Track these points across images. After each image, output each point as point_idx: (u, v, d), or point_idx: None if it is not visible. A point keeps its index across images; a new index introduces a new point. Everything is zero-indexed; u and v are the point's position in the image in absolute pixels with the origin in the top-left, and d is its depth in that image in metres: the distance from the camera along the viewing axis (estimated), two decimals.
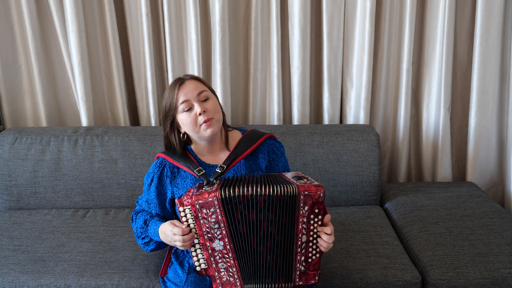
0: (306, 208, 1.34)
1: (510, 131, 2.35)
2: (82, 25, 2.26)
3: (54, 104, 2.47)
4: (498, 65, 2.32)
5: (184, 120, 1.49)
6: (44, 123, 2.45)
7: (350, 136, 2.20)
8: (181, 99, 1.47)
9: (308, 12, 2.28)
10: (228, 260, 1.39)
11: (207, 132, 1.47)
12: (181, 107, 1.48)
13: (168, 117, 1.52)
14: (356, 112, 2.43)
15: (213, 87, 2.40)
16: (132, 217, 1.62)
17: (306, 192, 1.33)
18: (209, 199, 1.33)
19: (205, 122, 1.45)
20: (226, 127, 1.60)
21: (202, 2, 2.31)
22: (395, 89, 2.46)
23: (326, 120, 2.45)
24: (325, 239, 1.37)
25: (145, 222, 1.54)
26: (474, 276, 1.68)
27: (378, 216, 2.11)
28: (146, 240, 1.56)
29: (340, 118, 2.51)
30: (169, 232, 1.39)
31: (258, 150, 1.57)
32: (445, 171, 2.47)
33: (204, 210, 1.34)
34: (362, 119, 2.40)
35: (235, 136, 1.60)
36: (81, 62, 2.29)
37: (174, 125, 1.53)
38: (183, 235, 1.36)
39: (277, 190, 1.33)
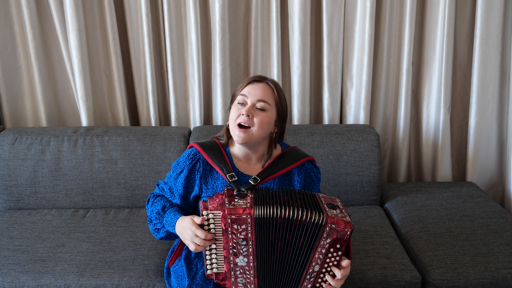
0: (329, 240, 1.30)
1: (510, 131, 2.35)
2: (82, 25, 2.26)
3: (54, 104, 2.47)
4: (498, 65, 2.32)
5: (232, 110, 1.47)
6: (44, 123, 2.45)
7: (350, 136, 2.20)
8: (243, 91, 1.45)
9: (308, 12, 2.28)
10: (248, 276, 1.37)
11: (237, 135, 1.42)
12: (238, 98, 1.46)
13: (232, 100, 1.52)
14: (356, 112, 2.43)
15: (213, 87, 2.40)
16: (149, 199, 1.58)
17: (333, 225, 1.28)
18: (243, 216, 1.29)
19: (241, 126, 1.42)
20: (272, 146, 1.52)
21: (202, 2, 2.31)
22: (395, 89, 2.46)
23: (326, 120, 2.45)
24: (332, 284, 1.34)
25: (163, 208, 1.50)
26: (474, 276, 1.68)
27: (378, 216, 2.11)
28: (158, 226, 1.52)
29: (340, 118, 2.51)
30: (189, 231, 1.35)
31: (295, 172, 1.52)
32: (445, 171, 2.47)
33: (235, 226, 1.30)
34: (362, 119, 2.40)
35: (275, 151, 1.55)
36: (81, 62, 2.29)
37: (230, 108, 1.51)
38: (205, 239, 1.33)
39: (305, 215, 1.29)
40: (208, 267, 1.39)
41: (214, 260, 1.38)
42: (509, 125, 2.35)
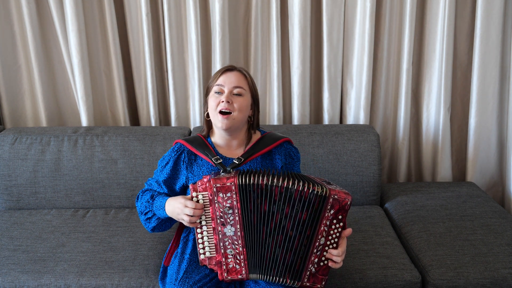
0: (332, 212, 1.35)
1: (510, 131, 2.35)
2: (82, 25, 2.26)
3: (54, 104, 2.47)
4: (498, 65, 2.32)
5: (210, 100, 1.55)
6: (44, 123, 2.45)
7: (350, 136, 2.20)
8: (218, 81, 1.55)
9: (308, 12, 2.28)
10: (237, 247, 1.40)
11: (220, 122, 1.51)
12: (214, 88, 1.55)
13: (207, 93, 1.60)
14: (356, 112, 2.43)
15: None
16: (138, 195, 1.64)
17: (335, 196, 1.35)
18: (227, 184, 1.36)
19: (223, 113, 1.50)
20: (251, 130, 1.63)
21: (202, 2, 2.31)
22: (395, 89, 2.47)
23: (326, 120, 2.45)
24: (336, 261, 1.40)
25: (151, 196, 1.57)
26: (474, 276, 1.68)
27: (378, 216, 2.11)
28: (149, 215, 1.57)
29: (340, 118, 2.51)
30: (179, 204, 1.42)
31: (275, 152, 1.61)
32: (445, 171, 2.47)
33: (221, 194, 1.37)
34: (362, 119, 2.40)
35: (254, 136, 1.65)
36: (81, 62, 2.29)
37: (206, 101, 1.60)
38: (195, 208, 1.39)
39: (307, 187, 1.35)
40: (201, 251, 1.43)
41: (206, 243, 1.42)
42: (509, 125, 2.35)
